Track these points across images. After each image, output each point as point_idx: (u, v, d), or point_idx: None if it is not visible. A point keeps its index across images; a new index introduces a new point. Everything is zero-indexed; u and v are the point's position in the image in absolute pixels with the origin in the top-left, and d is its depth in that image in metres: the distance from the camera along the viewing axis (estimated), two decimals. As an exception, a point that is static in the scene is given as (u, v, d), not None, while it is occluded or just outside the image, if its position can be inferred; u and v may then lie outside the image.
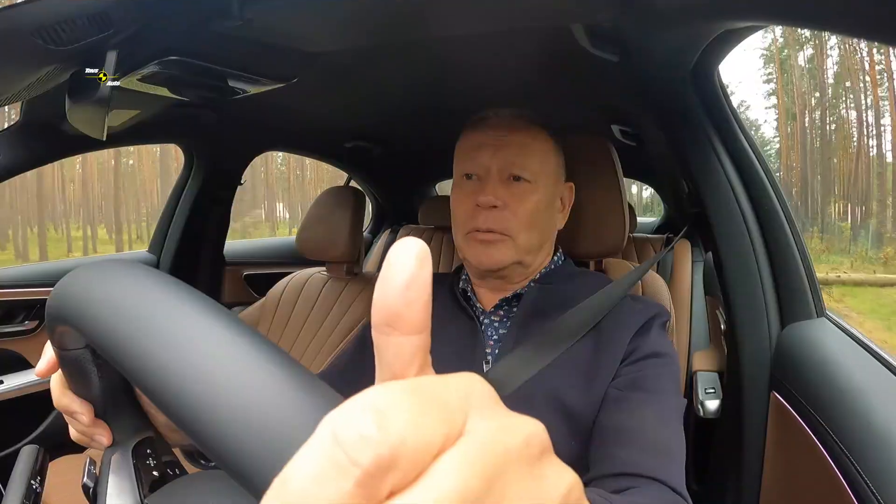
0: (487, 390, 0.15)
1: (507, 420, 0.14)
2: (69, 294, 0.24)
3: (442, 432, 0.13)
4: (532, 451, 0.14)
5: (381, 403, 0.12)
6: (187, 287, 0.21)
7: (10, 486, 0.32)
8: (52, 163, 1.18)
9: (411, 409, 0.12)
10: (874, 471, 0.51)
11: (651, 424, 0.55)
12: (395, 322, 0.15)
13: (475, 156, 0.68)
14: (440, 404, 0.13)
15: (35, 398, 1.22)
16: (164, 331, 0.19)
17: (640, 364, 0.61)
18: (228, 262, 1.75)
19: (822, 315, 0.78)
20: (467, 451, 0.13)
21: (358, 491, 0.11)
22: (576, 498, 0.15)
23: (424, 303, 0.15)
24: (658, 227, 2.53)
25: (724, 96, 0.80)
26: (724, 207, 0.81)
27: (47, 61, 0.63)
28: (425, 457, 0.12)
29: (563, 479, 0.14)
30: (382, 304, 0.15)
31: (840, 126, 20.04)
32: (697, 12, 0.54)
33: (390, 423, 0.12)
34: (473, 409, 0.14)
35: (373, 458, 0.11)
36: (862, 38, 0.41)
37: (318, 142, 1.71)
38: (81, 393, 0.32)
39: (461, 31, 0.73)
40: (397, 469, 0.12)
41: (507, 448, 0.13)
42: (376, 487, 0.12)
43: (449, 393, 0.14)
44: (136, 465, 0.31)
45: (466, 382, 0.14)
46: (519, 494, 0.13)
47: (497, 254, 0.66)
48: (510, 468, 0.13)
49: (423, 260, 0.15)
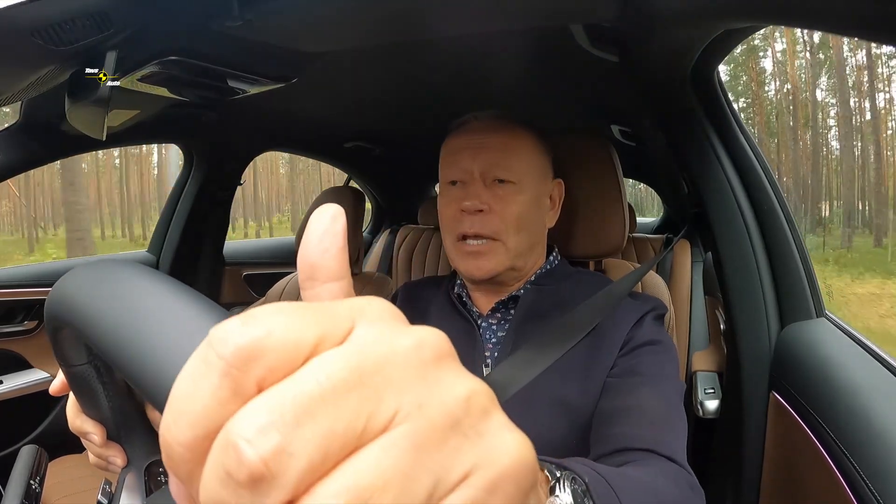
0: (385, 306, 0.14)
1: (398, 326, 0.14)
2: (67, 294, 0.24)
3: (315, 331, 0.13)
4: (423, 353, 0.13)
5: (257, 311, 0.13)
6: (186, 287, 0.21)
7: (10, 486, 0.32)
8: (51, 163, 1.18)
9: (283, 310, 0.13)
10: (874, 471, 0.51)
11: (645, 401, 0.55)
12: (314, 273, 0.16)
13: (457, 161, 0.68)
14: (321, 310, 0.13)
15: (35, 398, 1.22)
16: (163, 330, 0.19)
17: (637, 352, 0.61)
18: (228, 262, 1.75)
19: (821, 315, 0.78)
20: (342, 349, 0.13)
21: (224, 382, 0.12)
22: (481, 405, 0.13)
23: (338, 251, 0.16)
24: (658, 227, 2.54)
25: (723, 96, 0.80)
26: (724, 207, 0.81)
27: (47, 61, 0.63)
28: (295, 353, 0.12)
29: (462, 384, 0.13)
30: (302, 261, 0.16)
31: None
32: (697, 12, 0.54)
33: (256, 320, 0.12)
34: (364, 319, 0.14)
35: (233, 348, 0.12)
36: (862, 38, 0.41)
37: (318, 142, 1.71)
38: (93, 414, 0.32)
39: (461, 32, 0.73)
40: (261, 361, 0.12)
41: (391, 347, 0.13)
42: (242, 380, 0.12)
43: (339, 305, 0.14)
44: (148, 485, 0.31)
45: (365, 300, 0.14)
46: (399, 393, 0.12)
47: (488, 264, 0.65)
48: (393, 368, 0.12)
49: (336, 216, 0.16)
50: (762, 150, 0.82)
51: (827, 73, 19.10)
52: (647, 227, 2.60)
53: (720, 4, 0.51)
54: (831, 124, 19.45)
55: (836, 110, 18.54)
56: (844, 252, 13.62)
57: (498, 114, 0.70)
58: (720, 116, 0.81)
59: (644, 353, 0.61)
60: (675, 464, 0.50)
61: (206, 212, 1.57)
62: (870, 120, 17.80)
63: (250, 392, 0.12)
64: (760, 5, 0.47)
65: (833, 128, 19.02)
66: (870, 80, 17.37)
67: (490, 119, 0.69)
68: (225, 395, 0.12)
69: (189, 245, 1.56)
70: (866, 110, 18.01)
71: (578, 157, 0.84)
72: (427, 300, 0.76)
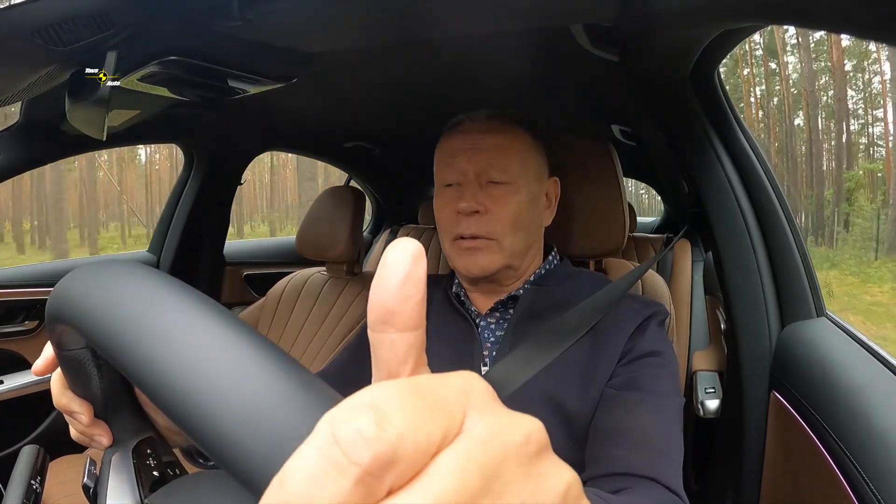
0: (485, 388, 0.15)
1: (506, 418, 0.14)
2: (69, 294, 0.24)
3: (440, 430, 0.13)
4: (530, 448, 0.14)
5: (379, 402, 0.12)
6: (186, 286, 0.21)
7: (10, 486, 0.32)
8: (51, 163, 1.18)
9: (409, 406, 0.12)
10: (874, 470, 0.51)
11: (647, 423, 0.55)
12: (391, 319, 0.15)
13: (452, 163, 0.68)
14: (438, 402, 0.13)
15: (35, 398, 1.22)
16: (164, 330, 0.19)
17: (637, 363, 0.60)
18: (228, 262, 1.75)
19: (822, 315, 0.78)
20: (466, 448, 0.13)
21: (357, 490, 0.11)
22: (574, 496, 0.14)
23: (419, 300, 0.15)
24: (658, 227, 2.54)
25: (724, 96, 0.80)
26: (724, 207, 0.81)
27: (47, 61, 0.63)
28: (424, 455, 0.12)
29: (562, 476, 0.14)
30: (378, 302, 0.15)
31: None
32: (697, 12, 0.54)
33: (388, 421, 0.12)
34: (471, 406, 0.14)
35: (371, 456, 0.11)
36: (862, 38, 0.41)
37: (318, 142, 1.71)
38: (81, 392, 0.32)
39: (461, 32, 0.73)
40: (396, 467, 0.12)
41: (505, 445, 0.13)
42: (375, 486, 0.12)
43: (447, 390, 0.14)
44: (136, 465, 0.31)
45: (464, 380, 0.14)
46: (517, 492, 0.13)
47: (483, 260, 0.65)
48: (508, 466, 0.13)
49: (418, 258, 0.15)
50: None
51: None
52: (647, 227, 2.60)
53: (720, 4, 0.51)
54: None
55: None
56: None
57: (491, 114, 0.69)
58: (720, 116, 0.81)
59: (644, 365, 0.60)
60: (674, 494, 0.50)
61: (206, 212, 1.57)
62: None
63: (380, 497, 0.12)
64: (760, 5, 0.47)
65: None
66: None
67: (484, 120, 0.69)
68: (356, 502, 0.12)
69: (189, 245, 1.56)
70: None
71: (578, 156, 0.84)
72: (427, 300, 0.76)
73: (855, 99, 17.88)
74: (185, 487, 0.30)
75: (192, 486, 0.30)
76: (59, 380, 0.33)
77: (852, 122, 18.00)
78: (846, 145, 17.05)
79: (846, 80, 17.29)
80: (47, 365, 0.32)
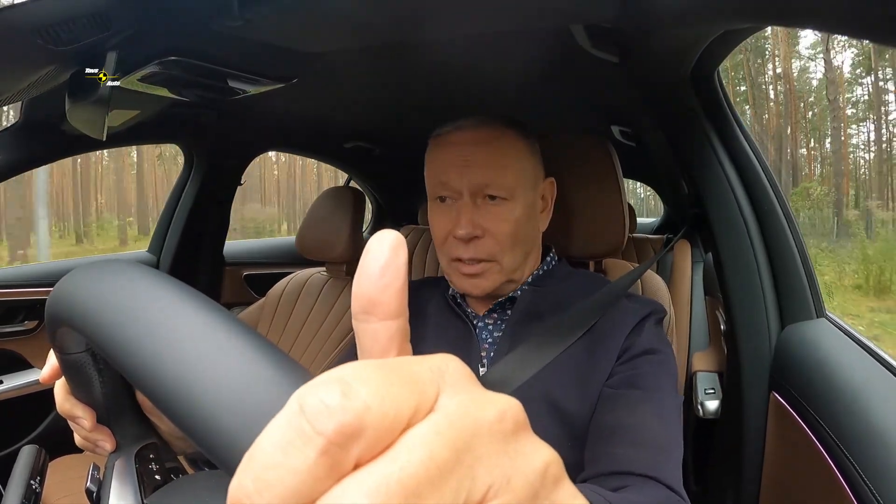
0: (461, 367, 0.14)
1: (480, 395, 0.14)
2: (68, 294, 0.24)
3: (410, 404, 0.13)
4: (505, 425, 0.13)
5: (347, 375, 0.12)
6: (185, 286, 0.21)
7: (10, 486, 0.32)
8: (51, 162, 1.19)
9: (377, 379, 0.12)
10: (873, 470, 0.51)
11: (645, 421, 0.55)
12: (372, 308, 0.15)
13: (444, 180, 0.65)
14: (410, 377, 0.13)
15: (35, 398, 1.22)
16: (159, 327, 0.19)
17: (635, 362, 0.60)
18: (228, 262, 1.75)
19: (821, 315, 0.78)
20: (436, 423, 0.13)
21: (322, 460, 0.11)
22: (553, 475, 0.14)
23: (399, 288, 0.15)
24: (658, 227, 2.54)
25: (723, 96, 0.80)
26: (724, 207, 0.81)
27: (47, 61, 0.63)
28: (392, 428, 0.12)
29: (541, 455, 0.14)
30: (359, 292, 0.15)
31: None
32: (697, 13, 0.54)
33: (354, 392, 0.12)
34: (446, 385, 0.14)
35: (336, 425, 0.11)
36: (862, 39, 0.41)
37: (318, 142, 1.71)
38: (83, 398, 0.32)
39: (461, 32, 0.73)
40: (362, 439, 0.12)
41: (477, 421, 0.13)
42: (341, 457, 0.12)
43: (421, 368, 0.14)
44: (139, 470, 0.31)
45: (440, 360, 0.14)
46: (491, 468, 0.13)
47: (483, 283, 0.65)
48: (481, 441, 0.13)
49: (397, 248, 0.15)
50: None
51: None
52: (647, 227, 2.60)
53: (720, 4, 0.51)
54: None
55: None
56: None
57: (480, 120, 0.66)
58: (720, 116, 0.81)
59: (643, 363, 0.60)
60: (675, 493, 0.50)
61: (206, 212, 1.57)
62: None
63: (347, 469, 0.12)
64: (760, 5, 0.47)
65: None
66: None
67: (473, 129, 0.65)
68: (321, 473, 0.12)
69: (189, 245, 1.56)
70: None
71: (578, 157, 0.84)
72: (426, 300, 0.76)
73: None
74: (184, 487, 0.30)
75: (192, 486, 0.30)
76: (63, 385, 0.33)
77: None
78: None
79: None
80: (53, 373, 0.32)
